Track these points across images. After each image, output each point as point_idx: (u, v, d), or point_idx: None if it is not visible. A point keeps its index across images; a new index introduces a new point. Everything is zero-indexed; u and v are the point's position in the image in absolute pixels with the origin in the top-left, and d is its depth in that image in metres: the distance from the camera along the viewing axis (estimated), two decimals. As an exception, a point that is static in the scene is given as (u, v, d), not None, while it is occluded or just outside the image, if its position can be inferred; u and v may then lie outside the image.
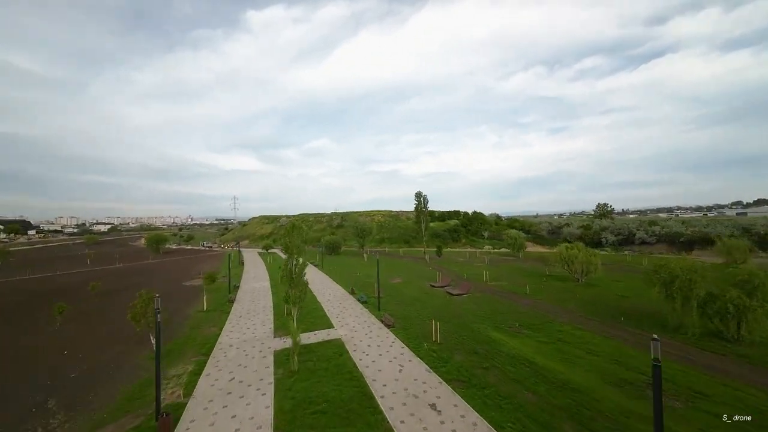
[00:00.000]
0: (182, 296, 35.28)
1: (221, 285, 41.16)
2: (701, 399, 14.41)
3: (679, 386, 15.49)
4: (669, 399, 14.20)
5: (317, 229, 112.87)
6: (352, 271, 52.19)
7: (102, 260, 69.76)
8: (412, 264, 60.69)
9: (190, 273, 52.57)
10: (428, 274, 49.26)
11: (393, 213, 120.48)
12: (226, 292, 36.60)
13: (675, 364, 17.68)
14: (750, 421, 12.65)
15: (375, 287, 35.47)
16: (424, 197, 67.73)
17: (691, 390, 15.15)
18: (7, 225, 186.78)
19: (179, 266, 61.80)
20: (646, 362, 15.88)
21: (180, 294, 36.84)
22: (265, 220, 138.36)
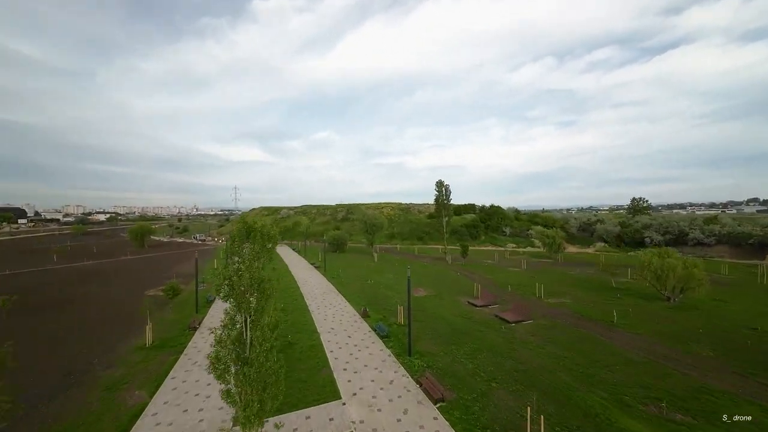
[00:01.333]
0: (129, 317, 25.63)
1: (189, 297, 31.54)
2: None
3: None
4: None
5: (320, 222, 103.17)
6: (362, 275, 42.28)
7: (72, 256, 60.86)
8: (433, 267, 50.54)
9: (163, 275, 43.11)
10: (458, 282, 39.13)
11: (403, 206, 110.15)
12: (192, 309, 26.91)
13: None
14: (750, 421, 12.24)
15: (396, 305, 25.63)
16: (446, 187, 57.16)
17: None
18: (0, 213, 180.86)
19: (155, 265, 52.50)
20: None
21: (129, 312, 27.22)
22: (264, 211, 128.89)
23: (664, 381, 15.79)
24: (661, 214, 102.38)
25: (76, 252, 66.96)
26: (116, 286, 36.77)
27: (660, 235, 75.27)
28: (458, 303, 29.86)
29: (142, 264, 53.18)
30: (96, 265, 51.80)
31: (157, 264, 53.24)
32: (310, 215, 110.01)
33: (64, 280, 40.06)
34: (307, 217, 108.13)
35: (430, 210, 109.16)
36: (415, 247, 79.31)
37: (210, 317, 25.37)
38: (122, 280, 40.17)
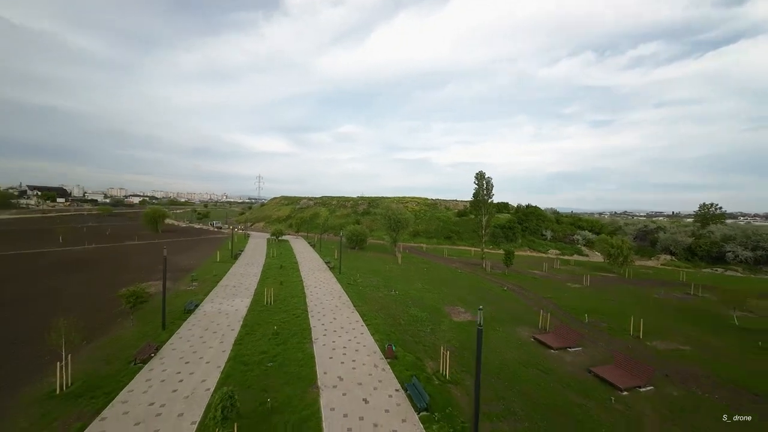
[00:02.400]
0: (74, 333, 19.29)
1: (170, 303, 25.14)
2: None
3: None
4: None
5: (339, 214, 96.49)
6: (384, 281, 34.41)
7: (79, 239, 57.84)
8: (470, 276, 41.66)
9: (158, 267, 37.50)
10: (508, 301, 30.24)
11: (430, 201, 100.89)
12: (154, 324, 20.20)
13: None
14: (750, 421, 12.39)
15: (434, 337, 17.62)
16: (488, 180, 47.70)
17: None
18: (44, 191, 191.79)
19: (156, 254, 47.42)
20: None
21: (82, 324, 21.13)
22: (284, 201, 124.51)
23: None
24: (740, 225, 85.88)
25: (88, 234, 64.40)
26: (93, 280, 31.34)
27: (748, 250, 61.28)
28: (520, 338, 21.17)
29: (142, 251, 48.55)
30: (94, 250, 47.74)
31: (158, 252, 48.28)
32: (329, 207, 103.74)
33: (42, 269, 35.47)
34: (326, 209, 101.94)
35: (459, 207, 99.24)
36: (443, 247, 70.35)
37: (177, 339, 18.49)
38: (106, 272, 34.94)
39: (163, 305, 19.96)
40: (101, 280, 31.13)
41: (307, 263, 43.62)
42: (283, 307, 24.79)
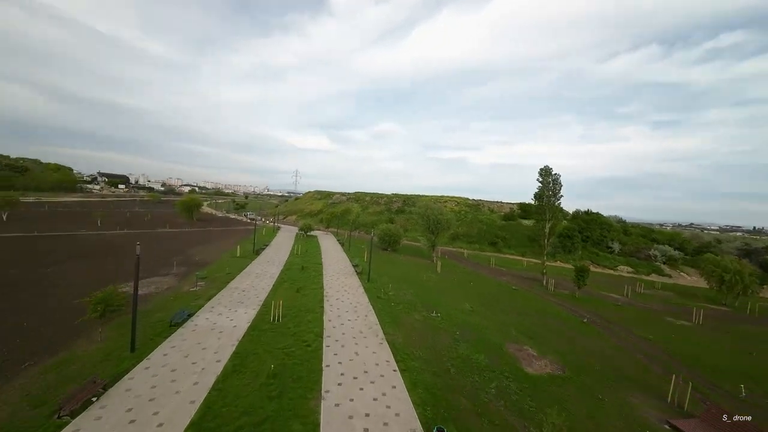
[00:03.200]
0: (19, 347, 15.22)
1: (162, 308, 20.81)
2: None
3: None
4: None
5: (372, 212, 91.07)
6: (422, 297, 27.61)
7: (116, 223, 58.48)
8: (529, 297, 33.31)
9: (174, 257, 34.45)
10: (590, 338, 21.90)
11: (471, 202, 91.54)
12: (127, 341, 15.44)
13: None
14: (750, 421, 12.22)
15: (494, 398, 10.39)
16: (555, 177, 38.59)
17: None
18: (110, 179, 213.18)
19: (180, 242, 45.28)
20: None
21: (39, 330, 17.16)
22: (317, 195, 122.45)
23: None
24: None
25: (128, 219, 65.61)
26: (97, 269, 28.42)
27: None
28: (646, 422, 13.20)
29: (168, 239, 46.71)
30: (123, 235, 46.78)
31: (186, 240, 46.22)
32: (362, 203, 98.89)
33: (56, 252, 33.80)
34: (359, 205, 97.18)
35: (504, 209, 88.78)
36: (487, 255, 61.51)
37: (141, 372, 13.47)
38: (117, 260, 32.22)
39: (133, 321, 15.08)
40: (105, 270, 28.13)
41: (333, 265, 38.20)
42: (293, 326, 19.16)
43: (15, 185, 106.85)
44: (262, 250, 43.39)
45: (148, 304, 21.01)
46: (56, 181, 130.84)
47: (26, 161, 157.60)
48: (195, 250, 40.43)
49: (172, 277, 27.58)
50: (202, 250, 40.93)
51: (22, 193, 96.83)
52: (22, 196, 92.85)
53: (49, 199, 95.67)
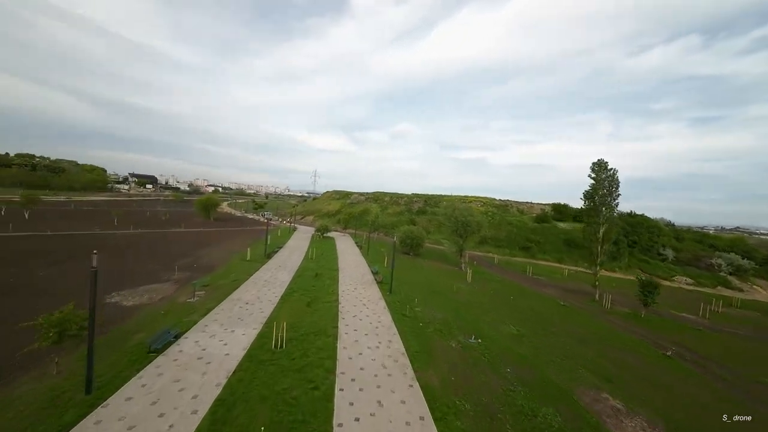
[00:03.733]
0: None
1: (148, 325, 17.52)
2: None
3: None
4: None
5: (392, 212, 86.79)
6: (453, 312, 22.97)
7: (134, 221, 57.72)
8: (584, 317, 27.73)
9: (176, 262, 31.77)
10: (686, 384, 16.36)
11: (498, 202, 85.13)
12: (75, 382, 11.95)
13: None
14: (750, 421, 12.45)
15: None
16: (611, 173, 32.58)
17: None
18: (140, 179, 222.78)
19: (192, 243, 43.05)
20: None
21: None
22: (335, 195, 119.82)
23: None
24: None
25: (147, 218, 65.18)
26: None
27: None
28: None
29: (180, 239, 44.67)
30: (136, 235, 45.26)
31: (197, 241, 43.99)
32: (381, 203, 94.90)
33: (59, 252, 31.90)
34: (378, 206, 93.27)
35: (534, 211, 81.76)
36: (521, 261, 55.56)
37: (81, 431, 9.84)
38: (116, 262, 29.76)
39: (89, 355, 11.52)
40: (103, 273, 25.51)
41: (350, 271, 34.24)
42: (299, 356, 15.19)
43: (50, 185, 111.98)
44: (275, 253, 40.21)
45: (132, 320, 17.81)
46: (89, 181, 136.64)
47: (64, 162, 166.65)
48: (205, 251, 37.83)
49: (170, 285, 24.57)
50: (212, 252, 38.28)
51: (55, 192, 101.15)
52: (54, 195, 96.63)
53: (79, 198, 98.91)
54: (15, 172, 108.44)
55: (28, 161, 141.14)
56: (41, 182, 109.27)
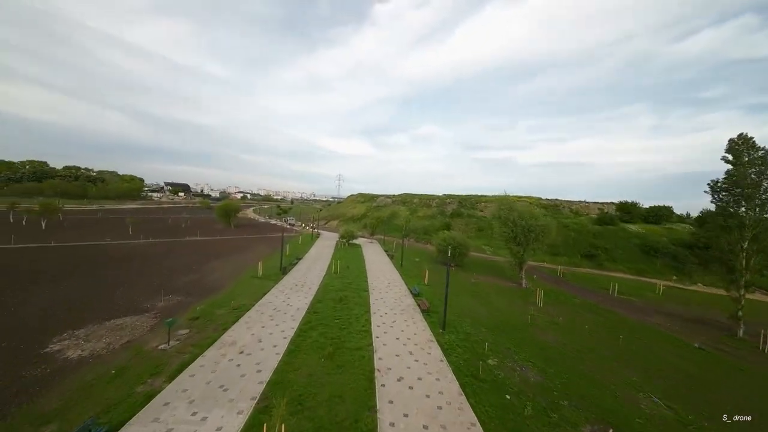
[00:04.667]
0: None
1: (87, 397, 10.83)
2: None
3: None
4: None
5: (423, 215, 78.59)
6: (549, 370, 14.61)
7: (151, 230, 54.45)
8: (756, 377, 17.89)
9: (174, 280, 26.05)
10: None
11: (545, 201, 74.11)
12: None
13: None
14: (750, 421, 12.08)
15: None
16: (765, 154, 22.37)
17: None
18: (173, 187, 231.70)
19: (197, 255, 37.96)
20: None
21: None
22: (360, 198, 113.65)
23: None
24: None
25: (166, 226, 62.19)
26: (82, 292, 20.36)
27: None
28: None
29: (190, 250, 39.69)
30: (146, 245, 40.98)
31: (208, 251, 38.79)
32: (410, 206, 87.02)
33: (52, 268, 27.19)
34: (406, 208, 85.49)
35: (590, 211, 69.92)
36: (588, 272, 45.17)
37: None
38: (118, 278, 24.37)
39: None
40: (88, 296, 19.97)
41: (383, 293, 26.75)
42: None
43: (88, 194, 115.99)
44: (293, 266, 33.75)
45: (58, 390, 11.43)
46: (125, 190, 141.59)
47: (106, 173, 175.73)
48: (213, 265, 32.15)
49: (148, 318, 18.41)
50: (222, 265, 32.50)
51: (89, 201, 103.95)
52: (88, 204, 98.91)
53: (112, 206, 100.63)
54: (57, 183, 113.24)
55: (72, 173, 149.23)
56: (80, 192, 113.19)
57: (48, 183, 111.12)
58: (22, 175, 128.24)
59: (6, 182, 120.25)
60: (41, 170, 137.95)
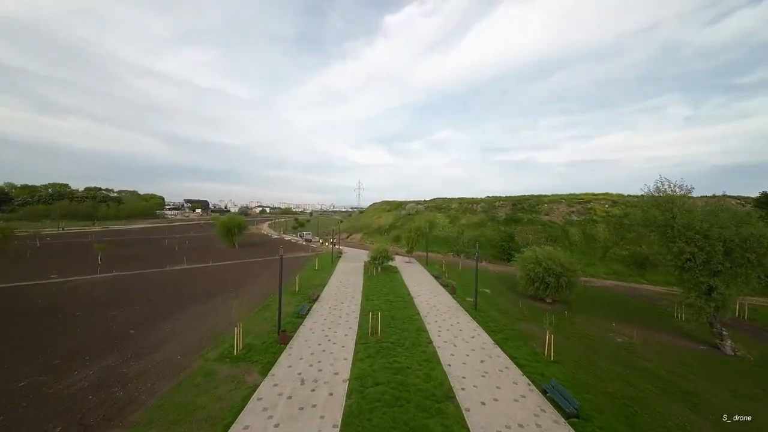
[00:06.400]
0: None
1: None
2: None
3: None
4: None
5: (468, 223, 63.22)
6: None
7: (127, 257, 43.01)
8: None
9: (60, 372, 12.70)
10: None
11: (625, 197, 56.57)
12: None
13: None
14: (750, 421, 11.47)
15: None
16: None
17: None
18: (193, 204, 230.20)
19: (153, 300, 25.15)
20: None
21: None
22: (385, 206, 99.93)
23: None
24: None
25: (153, 251, 50.96)
26: None
27: None
28: None
29: (154, 292, 26.94)
30: (87, 285, 28.63)
31: (184, 293, 25.98)
32: (447, 212, 71.89)
33: None
34: (443, 215, 70.46)
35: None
36: None
37: None
38: None
39: None
40: None
41: (484, 395, 11.93)
42: None
43: (96, 215, 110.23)
44: (300, 323, 19.85)
45: None
46: (141, 209, 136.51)
47: (126, 193, 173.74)
48: (167, 329, 18.86)
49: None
50: (181, 328, 19.13)
51: (94, 222, 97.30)
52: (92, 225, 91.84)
53: (121, 226, 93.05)
54: (65, 204, 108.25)
55: (91, 194, 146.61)
56: (88, 212, 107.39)
57: (58, 205, 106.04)
58: (39, 198, 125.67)
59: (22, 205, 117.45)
60: (58, 192, 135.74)
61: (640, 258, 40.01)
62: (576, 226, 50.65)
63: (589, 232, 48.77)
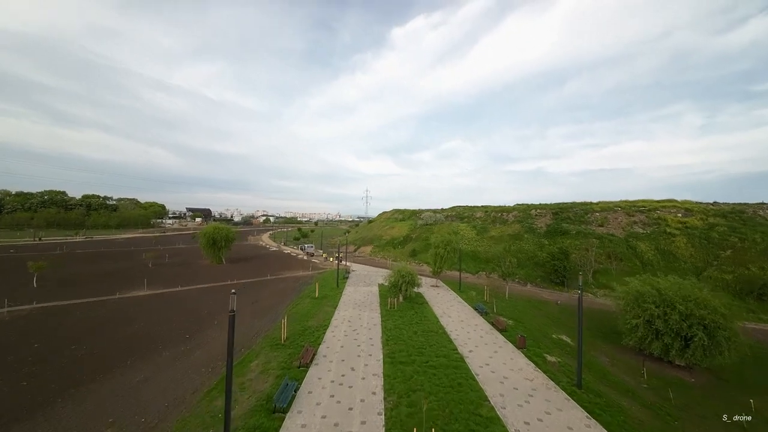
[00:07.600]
0: None
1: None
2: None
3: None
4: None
5: (497, 235, 53.02)
6: None
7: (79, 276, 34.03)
8: None
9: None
10: None
11: (701, 205, 45.82)
12: None
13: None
14: (750, 421, 11.52)
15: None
16: None
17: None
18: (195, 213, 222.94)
19: (39, 373, 15.35)
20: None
21: None
22: (396, 215, 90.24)
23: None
24: None
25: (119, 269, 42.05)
26: None
27: None
28: None
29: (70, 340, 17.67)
30: (31, 315, 19.43)
31: (102, 350, 16.69)
32: (472, 222, 61.88)
33: None
34: (468, 225, 60.39)
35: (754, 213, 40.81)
36: None
37: None
38: None
39: None
40: None
41: None
42: None
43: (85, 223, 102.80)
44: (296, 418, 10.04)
45: None
46: (134, 217, 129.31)
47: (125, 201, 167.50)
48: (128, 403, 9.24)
49: None
50: (152, 397, 9.51)
51: (77, 231, 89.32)
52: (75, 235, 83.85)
53: (107, 236, 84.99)
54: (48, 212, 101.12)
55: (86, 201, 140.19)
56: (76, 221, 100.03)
57: (43, 213, 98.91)
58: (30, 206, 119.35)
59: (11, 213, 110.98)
60: (51, 200, 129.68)
61: (759, 284, 29.23)
62: (645, 241, 40.09)
63: (665, 248, 38.22)
